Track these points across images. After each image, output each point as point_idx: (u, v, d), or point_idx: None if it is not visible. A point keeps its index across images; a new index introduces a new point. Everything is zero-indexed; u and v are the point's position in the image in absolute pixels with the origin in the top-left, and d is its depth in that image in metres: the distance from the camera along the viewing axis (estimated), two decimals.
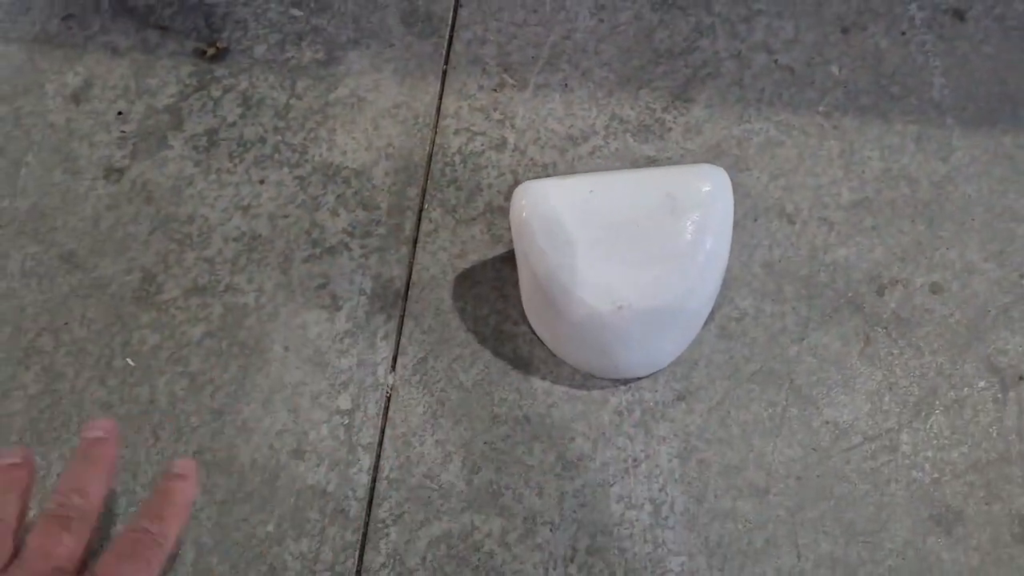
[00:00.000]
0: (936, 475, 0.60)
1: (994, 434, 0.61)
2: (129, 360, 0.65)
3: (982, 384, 0.62)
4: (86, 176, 0.71)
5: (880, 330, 0.64)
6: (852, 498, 0.60)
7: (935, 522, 0.59)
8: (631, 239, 0.54)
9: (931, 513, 0.59)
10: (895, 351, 0.63)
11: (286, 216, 0.69)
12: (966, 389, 0.62)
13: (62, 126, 0.73)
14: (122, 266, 0.68)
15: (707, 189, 0.55)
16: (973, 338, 0.63)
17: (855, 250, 0.66)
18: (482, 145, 0.71)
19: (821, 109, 0.70)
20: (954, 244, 0.66)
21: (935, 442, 0.61)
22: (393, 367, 0.64)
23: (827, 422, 0.62)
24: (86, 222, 0.70)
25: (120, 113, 0.73)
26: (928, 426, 0.61)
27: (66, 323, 0.67)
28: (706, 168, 0.56)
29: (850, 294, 0.65)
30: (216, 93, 0.73)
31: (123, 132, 0.72)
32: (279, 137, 0.72)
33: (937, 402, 0.62)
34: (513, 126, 0.71)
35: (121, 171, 0.71)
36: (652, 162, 0.69)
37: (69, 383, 0.65)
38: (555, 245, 0.55)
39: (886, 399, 0.62)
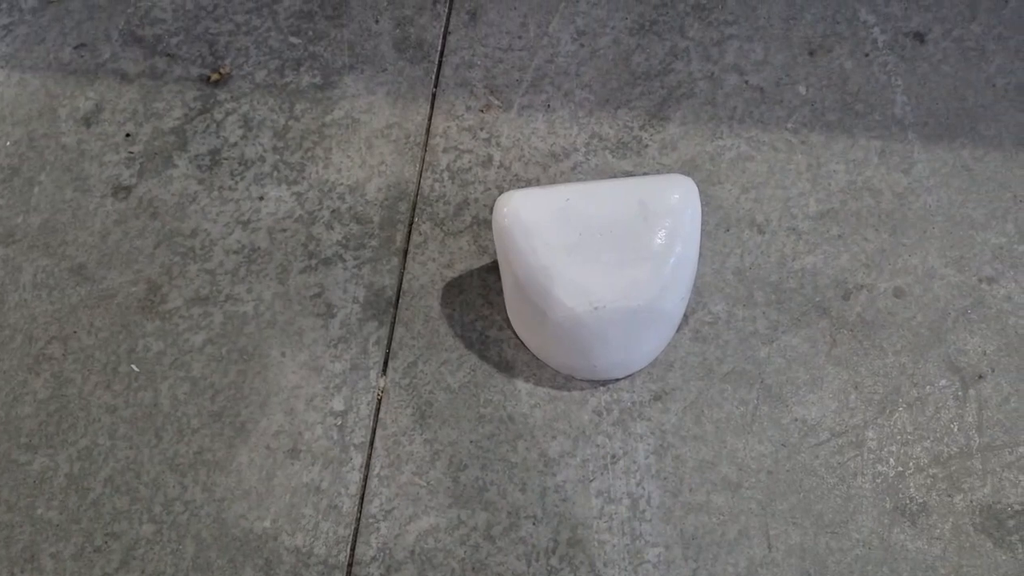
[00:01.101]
0: (900, 469, 0.62)
1: (955, 429, 0.63)
2: (134, 366, 0.68)
3: (943, 382, 0.64)
4: (95, 194, 0.74)
5: (846, 332, 0.66)
6: (820, 491, 0.62)
7: (900, 513, 0.61)
8: (606, 244, 0.57)
9: (896, 505, 0.61)
10: (860, 352, 0.65)
11: (284, 230, 0.72)
12: (928, 387, 0.64)
13: (73, 147, 0.76)
14: (128, 278, 0.71)
15: (676, 197, 0.58)
16: (934, 339, 0.65)
17: (822, 257, 0.68)
18: (469, 162, 0.74)
19: (789, 126, 0.73)
20: (916, 251, 0.68)
21: (899, 437, 0.63)
22: (384, 371, 0.67)
23: (796, 419, 0.64)
24: (95, 237, 0.72)
25: (128, 135, 0.76)
26: (892, 422, 0.63)
27: (75, 332, 0.69)
28: (675, 178, 0.59)
29: (817, 299, 0.67)
30: (219, 116, 0.77)
31: (131, 153, 0.76)
32: (278, 156, 0.75)
33: (901, 400, 0.64)
34: (499, 144, 0.74)
35: (128, 189, 0.74)
36: (628, 176, 0.72)
37: (77, 388, 0.67)
38: (535, 249, 0.57)
39: (852, 397, 0.64)
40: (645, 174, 0.71)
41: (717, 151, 0.72)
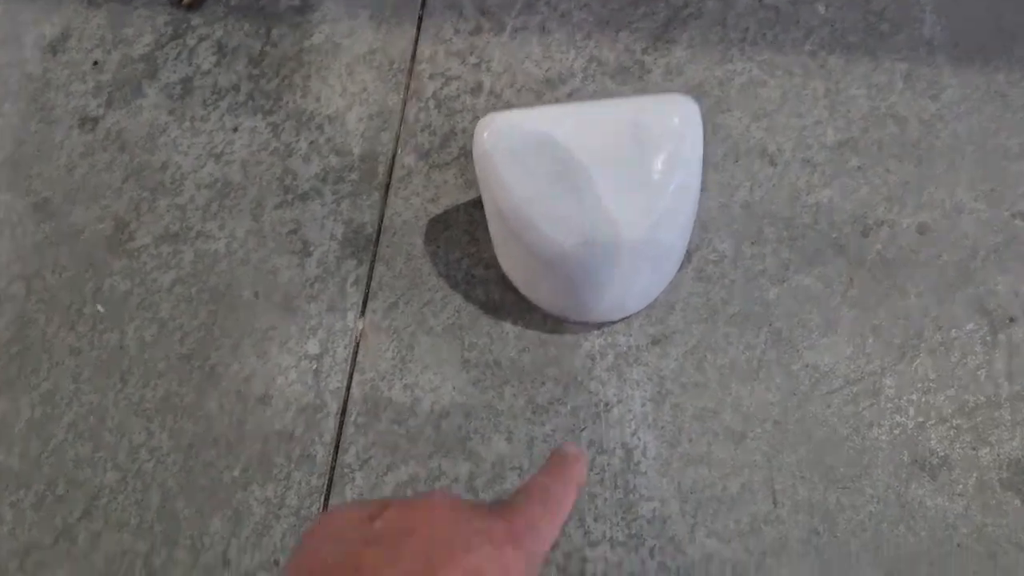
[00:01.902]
0: (920, 419, 0.56)
1: (982, 377, 0.57)
2: (100, 307, 0.63)
3: (970, 326, 0.58)
4: (62, 125, 0.69)
5: (864, 272, 0.60)
6: (832, 443, 0.56)
7: (919, 467, 0.55)
8: (596, 171, 0.51)
9: (915, 458, 0.55)
10: (879, 293, 0.59)
11: (259, 163, 0.66)
12: (953, 331, 0.58)
13: (39, 76, 0.71)
14: (95, 214, 0.66)
15: (676, 119, 0.51)
16: (961, 279, 0.59)
17: (839, 191, 0.62)
18: (457, 90, 0.67)
19: (807, 48, 0.66)
20: (943, 184, 0.61)
21: (920, 385, 0.57)
22: (363, 312, 0.62)
23: (807, 365, 0.58)
24: (60, 171, 0.67)
25: (96, 63, 0.71)
26: (913, 369, 0.57)
27: (38, 270, 0.65)
28: (674, 97, 0.52)
29: (833, 235, 0.61)
30: (191, 42, 0.71)
31: (99, 82, 0.70)
32: (253, 84, 0.69)
33: (923, 345, 0.58)
34: (489, 70, 0.68)
35: (96, 120, 0.69)
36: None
37: (40, 330, 0.63)
38: (517, 178, 0.51)
39: (869, 342, 0.58)
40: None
41: (726, 76, 0.66)
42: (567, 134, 0.51)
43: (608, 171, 0.51)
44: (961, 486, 0.54)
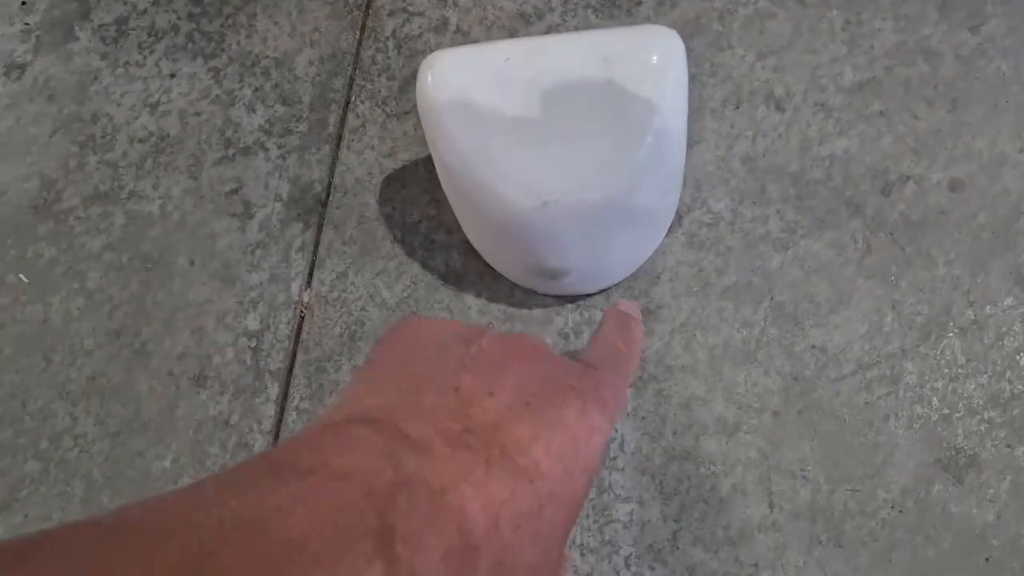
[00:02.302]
0: (946, 411, 0.48)
1: (1022, 362, 0.48)
2: (22, 276, 0.57)
3: (1009, 301, 0.49)
4: None
5: (884, 236, 0.51)
6: (841, 438, 0.48)
7: (942, 467, 0.47)
8: (558, 118, 0.42)
9: (938, 457, 0.47)
10: (902, 261, 0.50)
11: (198, 113, 0.59)
12: (988, 307, 0.49)
13: None
14: (21, 172, 0.59)
15: (654, 56, 0.42)
16: (1000, 245, 0.50)
17: (857, 141, 0.52)
18: (419, 28, 0.59)
19: None
20: (982, 131, 0.52)
21: (947, 371, 0.48)
22: (309, 283, 0.54)
23: (813, 346, 0.49)
24: None
25: (24, 3, 0.63)
26: (939, 352, 0.48)
27: None
28: (653, 30, 0.43)
29: (849, 193, 0.52)
30: None
31: (27, 24, 0.63)
32: (193, 25, 0.61)
33: (951, 323, 0.49)
34: (456, 4, 0.59)
35: (23, 67, 0.61)
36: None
37: None
38: (466, 129, 0.43)
39: (888, 319, 0.49)
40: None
41: (728, 7, 0.56)
42: (522, 74, 0.42)
43: (572, 119, 0.42)
44: (992, 490, 0.46)
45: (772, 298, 0.50)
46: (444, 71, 0.44)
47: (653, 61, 0.42)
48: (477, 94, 0.43)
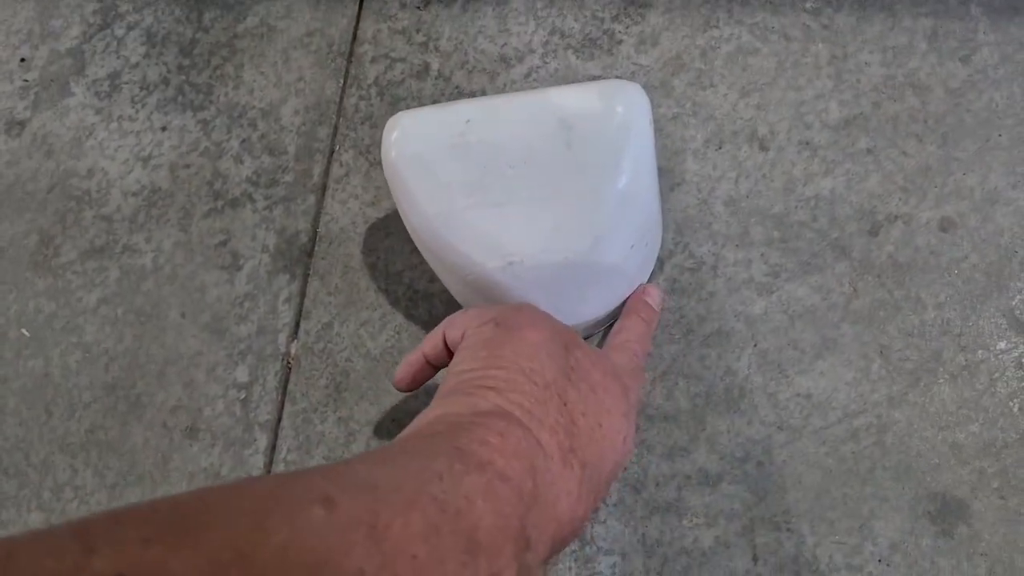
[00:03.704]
0: (936, 461, 0.45)
1: (1015, 409, 0.45)
2: (24, 331, 0.57)
3: (1002, 345, 0.46)
4: None
5: (872, 279, 0.49)
6: (826, 489, 0.46)
7: (931, 520, 0.45)
8: (520, 180, 0.41)
9: (927, 509, 0.45)
10: (890, 305, 0.48)
11: (187, 166, 0.59)
12: (980, 352, 0.47)
13: None
14: (20, 228, 0.59)
15: (618, 110, 0.41)
16: (993, 287, 0.47)
17: (843, 180, 0.50)
18: (402, 73, 0.58)
19: (808, 6, 0.54)
20: (973, 168, 0.49)
21: (938, 419, 0.46)
22: (295, 334, 0.54)
23: (798, 394, 0.48)
24: None
25: (23, 60, 0.64)
26: (929, 399, 0.46)
27: None
28: (614, 85, 0.42)
29: (835, 235, 0.50)
30: (120, 31, 0.63)
31: (26, 81, 0.63)
32: (183, 77, 0.61)
33: (942, 369, 0.47)
34: (437, 49, 0.58)
35: (23, 124, 0.62)
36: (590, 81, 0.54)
37: None
38: (429, 190, 0.42)
39: (876, 366, 0.47)
40: (600, 80, 0.54)
41: (710, 44, 0.54)
42: (482, 136, 0.41)
43: (533, 180, 0.41)
44: (984, 543, 0.44)
45: (756, 345, 0.48)
46: (406, 133, 0.43)
47: (615, 119, 0.41)
48: (439, 156, 0.42)
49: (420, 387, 0.45)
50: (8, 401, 0.56)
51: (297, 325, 0.54)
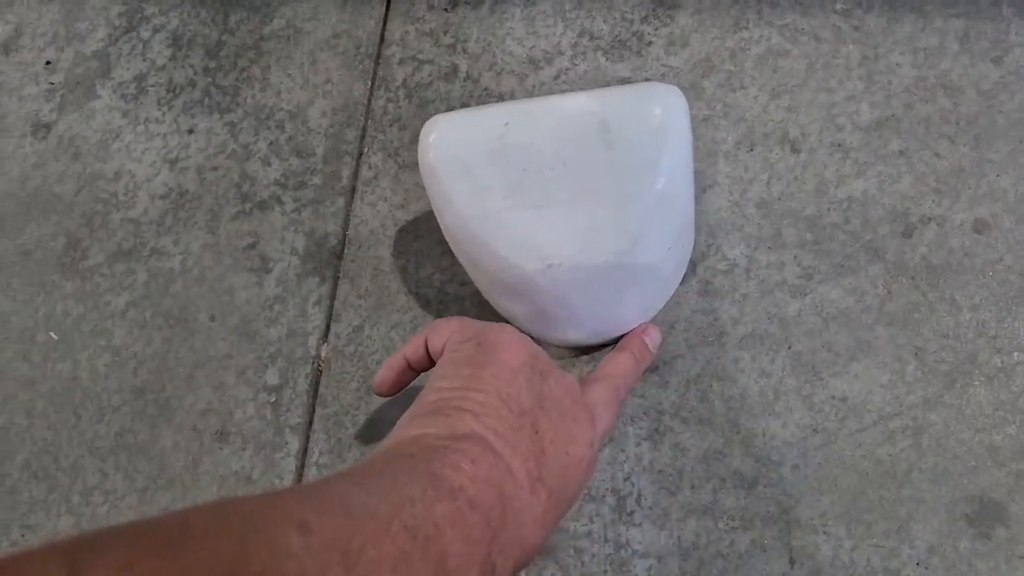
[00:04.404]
0: (973, 463, 0.45)
1: None
2: (53, 334, 0.57)
3: None
4: (14, 133, 0.62)
5: (905, 281, 0.48)
6: (863, 491, 0.46)
7: (969, 523, 0.44)
8: (558, 182, 0.41)
9: (965, 511, 0.45)
10: (924, 307, 0.48)
11: (215, 168, 0.58)
12: (1016, 354, 0.46)
13: None
14: (48, 230, 0.59)
15: (656, 113, 0.41)
16: None
17: (876, 182, 0.50)
18: (430, 75, 0.58)
19: (838, 7, 0.54)
20: (1007, 169, 0.49)
21: (974, 422, 0.46)
22: (325, 337, 0.54)
23: (833, 397, 0.47)
24: (14, 184, 0.61)
25: (48, 63, 0.64)
26: (964, 401, 0.46)
27: None
28: (653, 87, 0.42)
29: (868, 237, 0.49)
30: (145, 34, 0.63)
31: (51, 84, 0.63)
32: (210, 79, 0.61)
33: (977, 371, 0.46)
34: (466, 51, 0.58)
35: (49, 126, 0.62)
36: (626, 84, 0.54)
37: None
38: (467, 193, 0.42)
39: (911, 368, 0.47)
40: (629, 82, 0.53)
41: (740, 46, 0.54)
42: (520, 138, 0.41)
43: (572, 182, 0.41)
44: (1022, 546, 0.44)
45: (790, 347, 0.48)
46: (443, 136, 0.43)
47: (653, 121, 0.41)
48: (477, 159, 0.42)
49: (401, 391, 0.46)
50: (36, 404, 0.56)
51: (327, 328, 0.54)
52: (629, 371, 0.44)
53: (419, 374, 0.45)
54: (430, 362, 0.42)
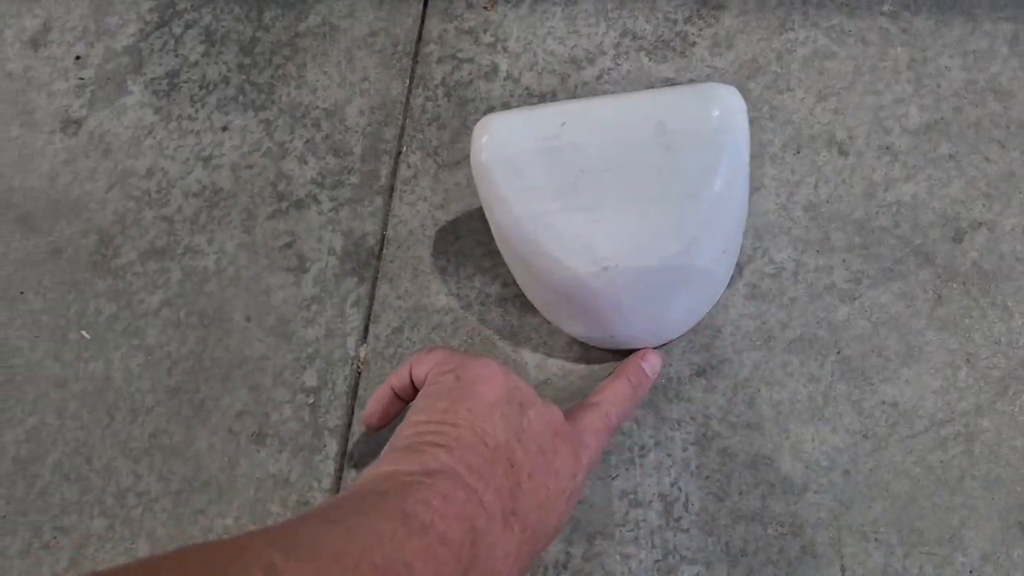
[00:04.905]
0: None
1: None
2: (85, 332, 0.56)
3: None
4: (43, 129, 0.61)
5: (956, 286, 0.48)
6: (914, 498, 0.45)
7: (1022, 530, 0.44)
8: (615, 183, 0.40)
9: (1019, 518, 0.44)
10: (976, 312, 0.47)
11: (250, 167, 0.58)
12: None
13: (20, 75, 0.63)
14: (78, 228, 0.59)
15: (714, 115, 0.40)
16: None
17: (925, 186, 0.50)
18: (469, 74, 0.57)
19: (886, 9, 0.53)
20: None
21: None
22: (364, 338, 0.53)
23: (884, 402, 0.47)
24: (43, 180, 0.60)
25: (78, 58, 0.63)
26: (1017, 408, 0.46)
27: (21, 292, 0.58)
28: (712, 88, 0.41)
29: (918, 241, 0.49)
30: (177, 30, 0.62)
31: (81, 79, 0.62)
32: (244, 76, 0.60)
33: None
34: (506, 50, 0.57)
35: (79, 122, 0.61)
36: (670, 85, 0.54)
37: (24, 358, 0.56)
38: (521, 193, 0.41)
39: (962, 374, 0.47)
40: (690, 81, 0.53)
41: (786, 47, 0.54)
42: (577, 138, 0.41)
43: (630, 184, 0.40)
44: None
45: (839, 352, 0.48)
46: (498, 134, 0.42)
47: (712, 123, 0.40)
48: (532, 158, 0.41)
49: (391, 423, 0.46)
50: (68, 404, 0.55)
51: (366, 329, 0.53)
52: (623, 398, 0.44)
53: (407, 404, 0.45)
54: (414, 391, 0.42)
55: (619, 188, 0.41)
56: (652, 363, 0.47)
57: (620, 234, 0.41)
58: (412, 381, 0.42)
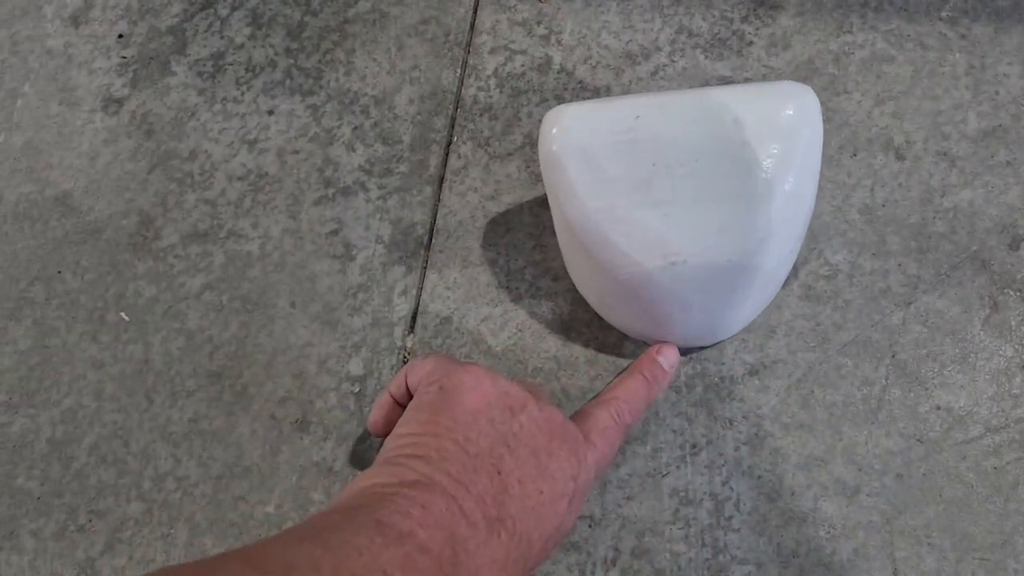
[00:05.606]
0: None
1: None
2: (123, 314, 0.56)
3: None
4: (84, 108, 0.61)
5: (1012, 293, 0.48)
6: (968, 503, 0.46)
7: None
8: (688, 178, 0.41)
9: None
10: None
11: (296, 152, 0.57)
12: None
13: (60, 52, 0.63)
14: (119, 208, 0.58)
15: (788, 113, 0.41)
16: None
17: (983, 192, 0.50)
18: (522, 66, 0.57)
19: (944, 14, 0.54)
20: None
21: None
22: (412, 328, 0.53)
23: (938, 407, 0.47)
24: (83, 159, 0.60)
25: (121, 36, 0.62)
26: None
27: (59, 272, 0.57)
28: (787, 86, 0.42)
29: (974, 247, 0.49)
30: (223, 11, 0.62)
31: (123, 58, 0.62)
32: (291, 61, 0.60)
33: None
34: (560, 43, 0.57)
35: (120, 102, 0.61)
36: (726, 83, 0.54)
37: (61, 339, 0.56)
38: (591, 185, 0.41)
39: (1017, 381, 0.47)
40: (747, 80, 0.53)
41: (844, 49, 0.54)
42: (651, 131, 0.41)
43: (702, 178, 0.41)
44: None
45: (894, 355, 0.48)
46: (569, 126, 0.42)
47: (786, 121, 0.41)
48: (603, 151, 0.41)
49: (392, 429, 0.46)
50: (106, 386, 0.54)
51: (414, 319, 0.53)
52: (636, 394, 0.44)
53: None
54: (411, 397, 0.42)
55: (693, 183, 0.41)
56: (669, 357, 0.46)
57: (691, 230, 0.41)
58: (408, 389, 0.43)
